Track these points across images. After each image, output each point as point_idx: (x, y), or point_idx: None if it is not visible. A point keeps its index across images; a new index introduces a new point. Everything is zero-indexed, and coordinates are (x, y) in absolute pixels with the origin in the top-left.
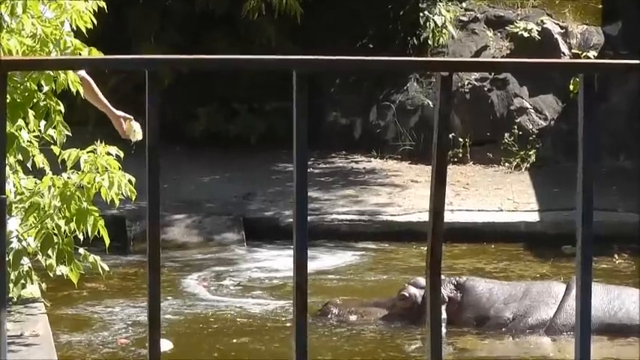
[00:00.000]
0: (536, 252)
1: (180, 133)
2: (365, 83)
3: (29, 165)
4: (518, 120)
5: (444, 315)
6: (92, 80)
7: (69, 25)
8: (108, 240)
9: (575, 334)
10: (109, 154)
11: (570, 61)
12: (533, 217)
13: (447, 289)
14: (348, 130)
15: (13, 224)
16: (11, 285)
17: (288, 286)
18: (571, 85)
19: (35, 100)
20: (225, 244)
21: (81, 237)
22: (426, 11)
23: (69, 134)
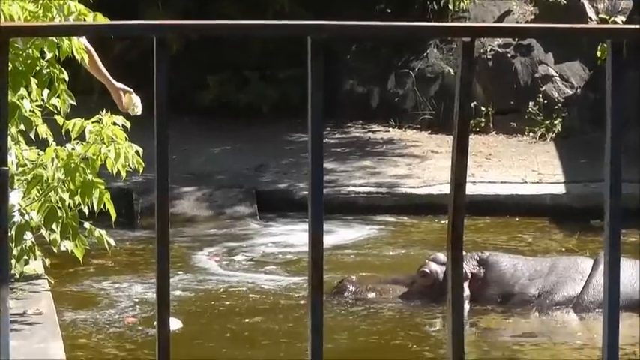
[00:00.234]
0: (561, 226)
1: (190, 103)
2: (383, 50)
3: (32, 135)
4: (543, 88)
5: (466, 292)
6: (92, 49)
7: None
8: (114, 214)
9: (603, 312)
10: (115, 124)
11: (597, 26)
12: (559, 189)
13: (470, 265)
14: (365, 98)
15: (15, 197)
16: (14, 261)
17: (303, 262)
18: (598, 51)
19: (38, 67)
20: (237, 217)
21: (86, 211)
22: None
23: (73, 103)
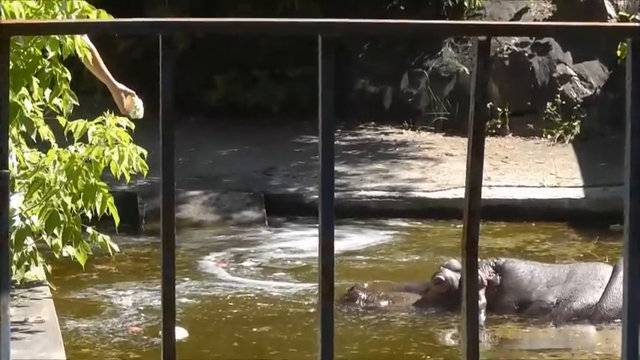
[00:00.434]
0: (580, 231)
1: (196, 103)
2: (396, 48)
3: (33, 137)
4: (561, 88)
5: (482, 300)
6: (94, 48)
7: None
8: (118, 218)
9: (623, 320)
10: (119, 125)
11: (617, 24)
12: (578, 193)
13: (486, 272)
14: (378, 99)
15: (15, 201)
16: (14, 267)
17: (313, 268)
18: (618, 50)
19: (40, 67)
20: (245, 222)
21: (89, 215)
22: None
23: (76, 104)
